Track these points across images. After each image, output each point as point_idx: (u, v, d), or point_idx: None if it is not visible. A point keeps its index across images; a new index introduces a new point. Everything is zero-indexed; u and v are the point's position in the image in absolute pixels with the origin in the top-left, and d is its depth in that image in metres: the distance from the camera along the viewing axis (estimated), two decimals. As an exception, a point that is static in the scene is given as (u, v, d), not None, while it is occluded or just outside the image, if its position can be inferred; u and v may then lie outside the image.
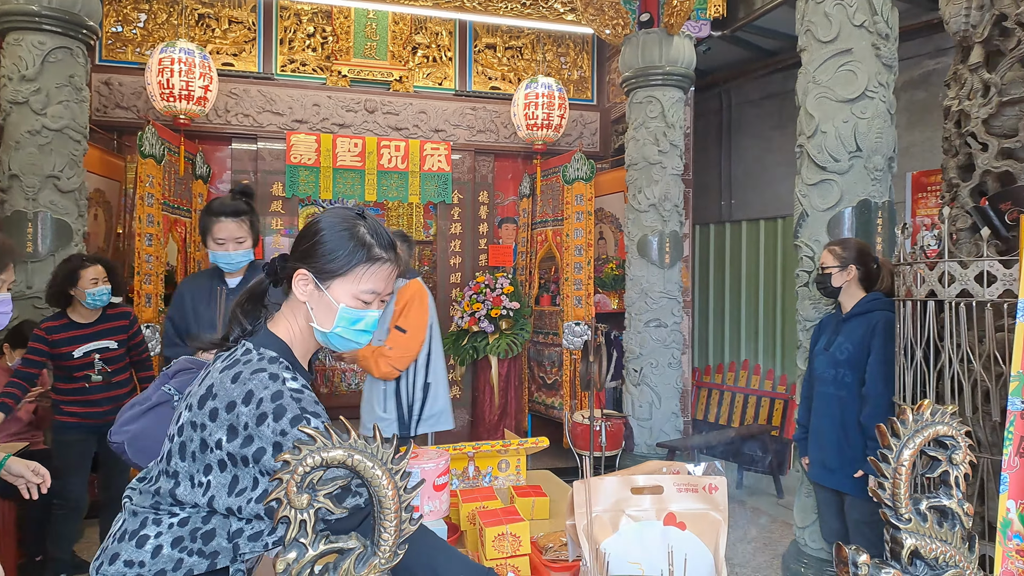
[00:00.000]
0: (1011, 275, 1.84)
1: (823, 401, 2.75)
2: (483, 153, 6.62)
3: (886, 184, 3.05)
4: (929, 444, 1.04)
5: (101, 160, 5.22)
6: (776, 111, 6.96)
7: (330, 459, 0.89)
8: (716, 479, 1.61)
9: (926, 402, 1.04)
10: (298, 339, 1.26)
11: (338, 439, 0.90)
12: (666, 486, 1.59)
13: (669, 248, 5.21)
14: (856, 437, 2.63)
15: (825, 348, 2.77)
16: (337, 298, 1.22)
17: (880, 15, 3.00)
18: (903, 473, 1.02)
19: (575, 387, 5.80)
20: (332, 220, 1.24)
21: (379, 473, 0.92)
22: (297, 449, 0.87)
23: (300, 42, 6.19)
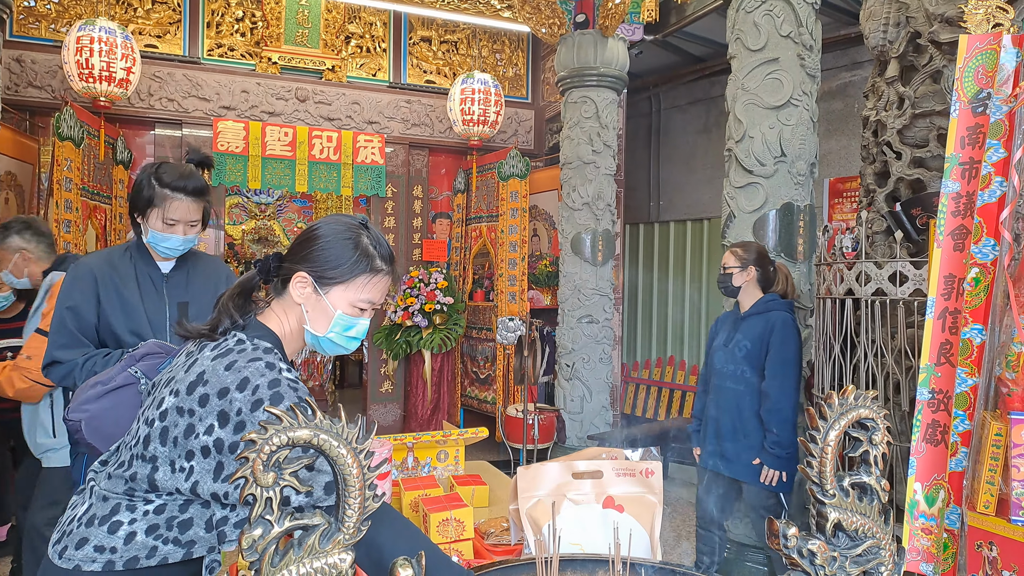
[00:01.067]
0: (921, 275, 2.00)
1: (721, 395, 2.89)
2: (418, 147, 6.59)
3: (808, 188, 3.24)
4: (852, 426, 1.14)
5: (13, 141, 4.90)
6: (703, 116, 7.23)
7: (296, 438, 0.90)
8: (652, 464, 1.69)
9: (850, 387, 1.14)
10: (288, 337, 1.28)
11: (304, 419, 0.91)
12: (605, 471, 1.66)
13: (602, 246, 5.34)
14: (753, 429, 2.78)
15: (724, 344, 2.91)
16: (335, 304, 1.25)
17: (805, 27, 3.18)
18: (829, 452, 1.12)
19: (508, 381, 5.86)
20: (336, 227, 1.26)
21: (344, 452, 0.94)
22: (263, 428, 0.88)
23: (228, 26, 5.98)
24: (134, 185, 2.03)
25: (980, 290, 1.77)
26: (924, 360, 1.87)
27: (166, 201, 1.99)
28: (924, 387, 1.88)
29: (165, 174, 1.99)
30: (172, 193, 1.98)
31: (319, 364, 8.35)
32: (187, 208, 2.01)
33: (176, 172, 2.01)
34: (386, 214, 6.52)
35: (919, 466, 1.89)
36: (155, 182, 1.99)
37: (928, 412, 1.87)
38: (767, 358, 2.71)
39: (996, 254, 1.71)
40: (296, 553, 0.90)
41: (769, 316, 2.75)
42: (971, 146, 1.75)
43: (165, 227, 2.01)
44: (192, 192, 2.01)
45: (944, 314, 1.85)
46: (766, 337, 2.72)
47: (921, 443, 1.89)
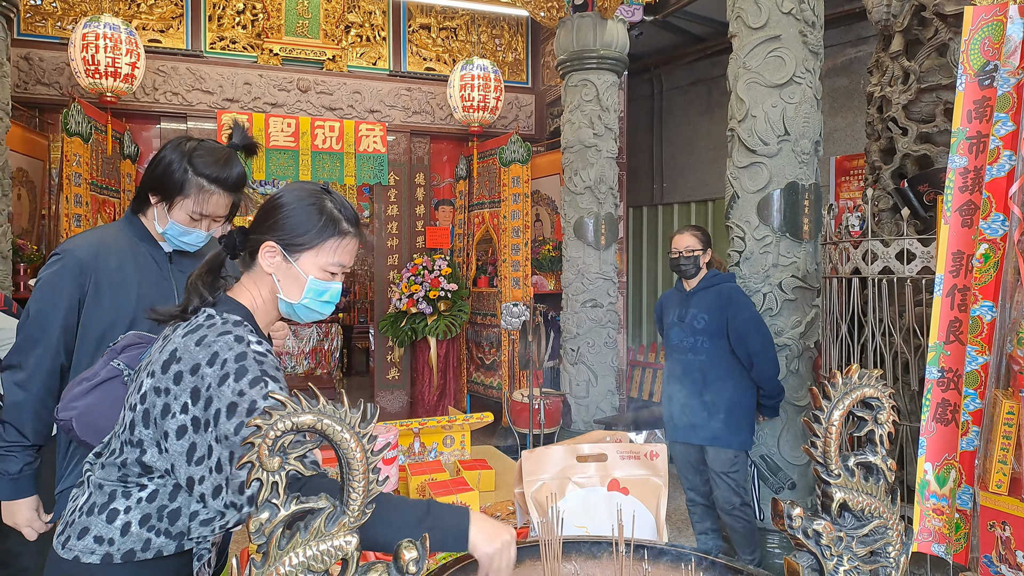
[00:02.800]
0: (929, 252, 1.98)
1: (684, 367, 3.06)
2: (419, 134, 6.56)
3: (812, 167, 3.20)
4: (857, 405, 1.13)
5: (23, 138, 4.93)
6: (704, 96, 7.17)
7: (300, 423, 0.90)
8: (656, 446, 1.68)
9: (854, 366, 1.13)
10: (260, 309, 1.27)
11: (307, 404, 0.92)
12: (610, 454, 1.65)
13: (604, 230, 5.31)
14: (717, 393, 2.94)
15: (679, 320, 3.10)
16: (306, 270, 1.25)
17: (807, 3, 3.13)
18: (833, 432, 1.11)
19: (514, 367, 5.86)
20: (299, 194, 1.25)
21: (347, 436, 0.94)
22: (268, 414, 0.88)
23: (230, 19, 5.96)
24: (158, 163, 1.66)
25: (990, 266, 1.75)
26: (933, 339, 1.85)
27: (201, 193, 1.65)
28: (933, 366, 1.87)
29: (203, 160, 1.64)
30: (209, 185, 1.65)
31: (327, 352, 8.38)
32: (223, 203, 1.69)
33: (216, 159, 1.65)
34: (389, 202, 6.51)
35: (929, 446, 1.88)
36: (190, 168, 1.63)
37: (938, 391, 1.86)
38: (731, 327, 2.90)
39: (1006, 229, 1.69)
40: (302, 536, 0.90)
41: (721, 288, 3.00)
42: (978, 120, 1.72)
43: (190, 220, 1.68)
44: (232, 186, 1.68)
45: (953, 291, 1.83)
46: (722, 306, 2.94)
47: (931, 423, 1.88)
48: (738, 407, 2.92)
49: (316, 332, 8.33)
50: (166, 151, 1.67)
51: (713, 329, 2.96)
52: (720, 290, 3.00)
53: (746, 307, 2.93)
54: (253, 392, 1.10)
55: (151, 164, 1.69)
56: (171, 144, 1.68)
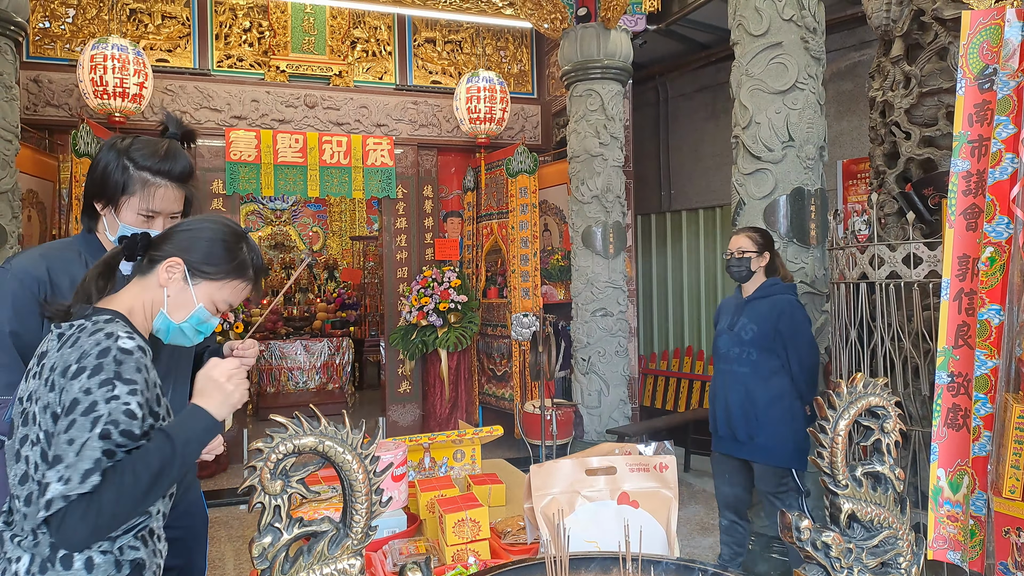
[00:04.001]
0: (936, 256, 1.97)
1: (730, 378, 2.92)
2: (426, 147, 6.60)
3: (818, 172, 3.20)
4: (863, 414, 1.13)
5: (33, 160, 5.00)
6: (710, 103, 7.17)
7: (302, 446, 0.91)
8: (666, 458, 1.67)
9: (859, 375, 1.12)
10: (138, 316, 1.27)
11: (308, 426, 0.92)
12: (619, 467, 1.65)
13: (613, 238, 5.31)
14: (763, 409, 2.80)
15: (729, 328, 2.95)
16: (199, 297, 1.30)
17: (808, 9, 3.14)
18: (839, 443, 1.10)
19: (525, 378, 5.86)
20: (224, 230, 1.32)
21: (350, 458, 0.95)
22: (269, 437, 0.89)
23: (236, 37, 6.03)
24: (96, 167, 1.58)
25: (996, 269, 1.74)
26: (941, 343, 1.84)
27: (146, 188, 1.56)
28: (943, 371, 1.85)
29: (141, 153, 1.56)
30: (153, 177, 1.56)
31: (338, 366, 8.41)
32: (172, 196, 1.60)
33: (156, 150, 1.57)
34: (397, 215, 6.54)
35: (941, 452, 1.86)
36: (129, 163, 1.55)
37: (948, 396, 1.84)
38: (784, 342, 2.73)
39: (1011, 232, 1.68)
40: (306, 560, 0.91)
41: (775, 300, 2.78)
42: (979, 123, 1.71)
43: (142, 220, 1.57)
44: (178, 176, 1.59)
45: (960, 295, 1.82)
46: (774, 320, 2.75)
47: (942, 428, 1.86)
48: (786, 423, 2.75)
49: (328, 347, 8.37)
50: (102, 153, 1.58)
51: (762, 341, 2.80)
52: (775, 301, 2.80)
53: (802, 325, 2.73)
54: (98, 393, 1.09)
55: (89, 170, 1.60)
56: (106, 145, 1.60)
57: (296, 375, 8.16)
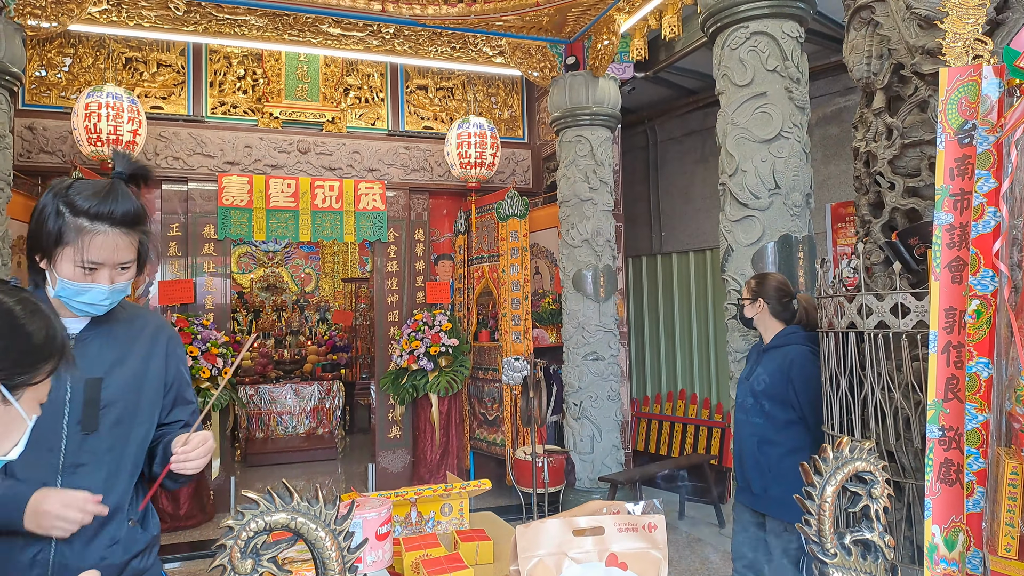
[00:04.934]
0: (923, 307, 1.97)
1: (745, 429, 2.85)
2: (418, 191, 6.64)
3: (805, 219, 3.22)
4: (850, 480, 1.10)
5: (25, 206, 5.01)
6: (699, 146, 7.27)
7: (273, 523, 0.88)
8: (655, 517, 1.63)
9: (845, 439, 1.10)
10: None
11: (280, 502, 0.89)
12: (607, 527, 1.60)
13: (603, 282, 5.32)
14: (774, 462, 2.72)
15: (746, 378, 2.88)
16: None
17: (791, 60, 3.20)
18: (827, 509, 1.08)
19: (517, 423, 5.79)
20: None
21: (323, 535, 0.92)
22: (240, 514, 0.86)
23: (231, 84, 6.11)
24: (33, 214, 1.39)
25: (983, 322, 1.73)
26: (931, 396, 1.82)
27: (82, 236, 1.35)
28: (933, 424, 1.83)
29: (78, 196, 1.36)
30: (91, 223, 1.35)
31: (328, 410, 8.31)
32: (114, 244, 1.38)
33: (95, 191, 1.37)
34: (389, 258, 6.54)
35: (935, 508, 1.82)
36: (64, 208, 1.35)
37: (940, 451, 1.82)
38: (796, 394, 2.67)
39: (996, 285, 1.68)
40: (276, 644, 0.87)
41: (788, 350, 2.71)
42: (960, 177, 1.72)
43: (82, 274, 1.37)
44: (121, 220, 1.37)
45: (948, 348, 1.81)
46: (785, 371, 2.69)
47: (935, 483, 1.83)
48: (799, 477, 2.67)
49: (318, 390, 8.28)
50: (42, 198, 1.39)
51: (774, 392, 2.70)
52: (787, 352, 2.70)
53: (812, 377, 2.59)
54: None
55: (31, 219, 1.40)
56: (47, 191, 1.41)
57: (285, 419, 8.05)
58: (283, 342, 9.91)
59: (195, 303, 5.83)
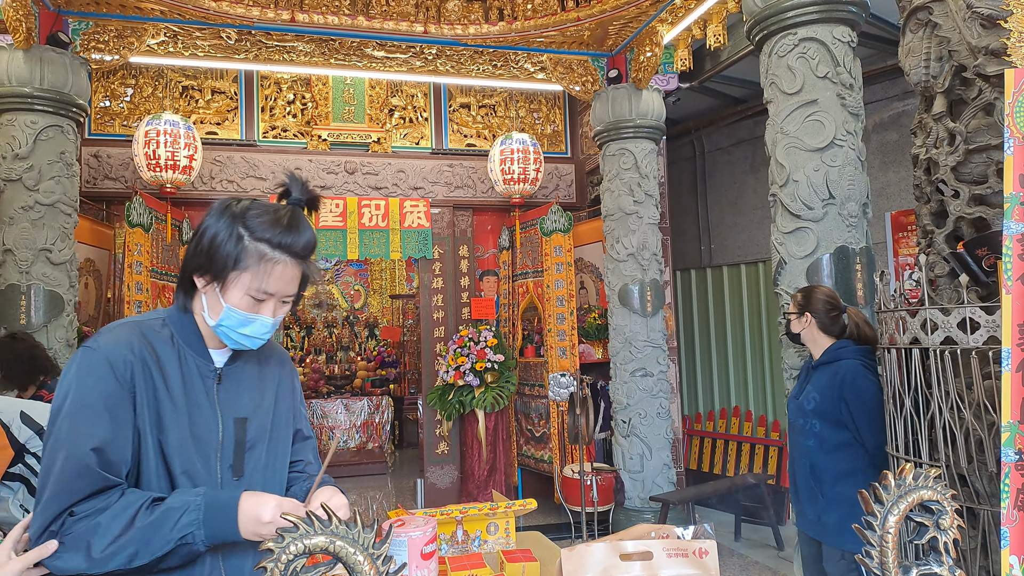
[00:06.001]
0: (994, 321, 1.85)
1: (797, 451, 2.73)
2: (462, 208, 6.68)
3: (862, 230, 3.10)
4: (915, 509, 1.02)
5: (91, 230, 5.24)
6: (748, 156, 7.12)
7: (312, 546, 0.87)
8: (706, 543, 1.57)
9: (908, 466, 1.03)
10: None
11: (319, 525, 0.88)
12: (655, 551, 1.54)
13: (651, 296, 5.23)
14: (828, 486, 2.59)
15: (796, 396, 2.76)
16: None
17: (843, 66, 3.09)
18: (889, 541, 1.00)
19: (564, 439, 5.72)
20: None
21: (361, 559, 0.90)
22: (280, 536, 0.85)
23: (281, 109, 6.29)
24: (203, 234, 1.29)
25: (1060, 336, 1.62)
26: (1005, 418, 1.70)
27: (263, 263, 1.26)
28: (1009, 447, 1.71)
29: (260, 221, 1.26)
30: (271, 251, 1.26)
31: (378, 425, 8.38)
32: (290, 275, 1.30)
33: (277, 218, 1.27)
34: (434, 275, 6.59)
35: (1012, 536, 1.70)
36: (244, 232, 1.26)
37: (1016, 476, 1.70)
38: (850, 412, 2.53)
39: (1074, 297, 1.57)
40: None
41: (839, 365, 2.58)
42: (1032, 183, 1.62)
43: (251, 303, 1.28)
44: (300, 251, 1.29)
45: (1023, 366, 1.69)
46: (836, 388, 2.56)
47: (1012, 511, 1.71)
48: (857, 503, 2.53)
49: (368, 405, 8.36)
50: (211, 218, 1.30)
51: (825, 411, 2.56)
52: (838, 368, 2.56)
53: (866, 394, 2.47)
54: None
55: (194, 238, 1.32)
56: (216, 208, 1.31)
57: (336, 434, 8.15)
58: (334, 358, 10.06)
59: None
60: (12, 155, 4.11)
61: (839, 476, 2.57)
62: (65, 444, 1.19)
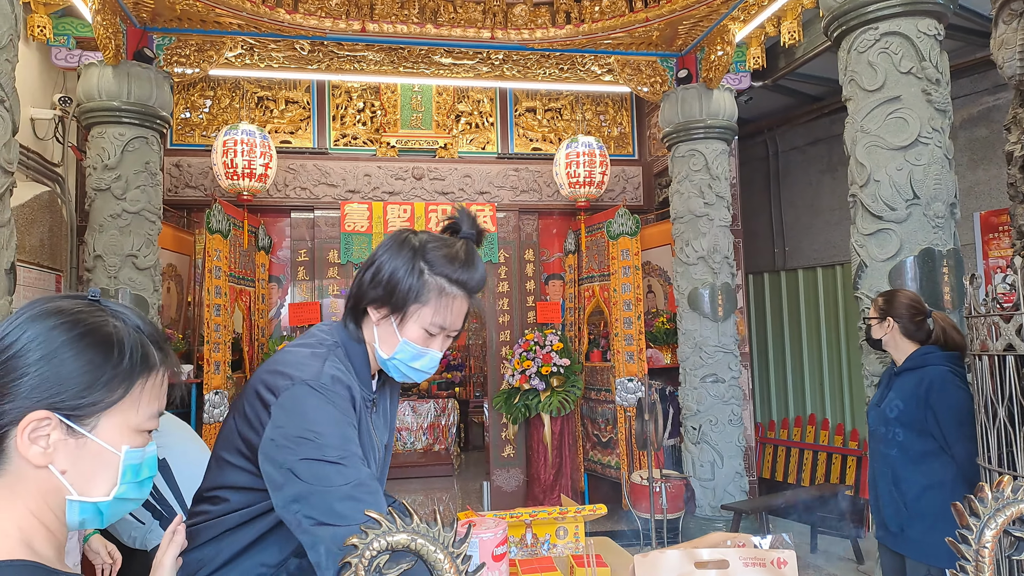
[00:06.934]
0: (1096, 325, 1.74)
1: (879, 461, 2.62)
2: (527, 212, 6.71)
3: (949, 231, 2.95)
4: (1013, 523, 0.97)
5: (173, 237, 5.52)
6: (825, 155, 6.88)
7: (394, 543, 0.89)
8: (784, 552, 1.52)
9: (1006, 478, 0.97)
10: (39, 541, 0.81)
11: (401, 523, 0.90)
12: (731, 560, 1.51)
13: (722, 300, 5.11)
14: (912, 498, 2.47)
15: (877, 404, 2.65)
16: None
17: (928, 60, 2.96)
18: (986, 556, 0.95)
19: (631, 445, 5.65)
20: (68, 326, 0.82)
21: (441, 557, 0.91)
22: (364, 533, 0.88)
23: (351, 117, 6.47)
24: (379, 268, 1.31)
25: None
26: (1114, 428, 1.59)
27: (442, 298, 1.29)
28: (1118, 461, 1.60)
29: (439, 255, 1.29)
30: (450, 287, 1.29)
31: (444, 427, 8.49)
32: (462, 310, 1.33)
33: (454, 254, 1.30)
34: (499, 279, 6.63)
35: (1122, 556, 1.58)
36: (425, 267, 1.28)
37: None
38: (937, 421, 2.42)
39: None
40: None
41: (924, 372, 2.46)
42: None
43: (425, 337, 1.31)
44: (474, 288, 1.32)
45: None
46: (922, 395, 2.45)
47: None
48: (944, 516, 2.36)
49: (434, 408, 8.49)
50: (387, 251, 1.31)
51: (909, 420, 2.46)
52: (924, 374, 2.45)
53: (954, 402, 2.37)
54: None
55: (368, 269, 1.33)
56: (392, 241, 1.33)
57: (404, 436, 8.30)
58: (401, 360, 10.24)
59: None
60: (102, 166, 4.35)
61: (924, 488, 2.46)
62: None
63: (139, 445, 0.85)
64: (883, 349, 2.66)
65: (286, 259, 6.30)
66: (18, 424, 0.77)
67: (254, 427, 1.24)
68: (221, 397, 4.84)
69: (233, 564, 1.31)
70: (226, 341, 5.12)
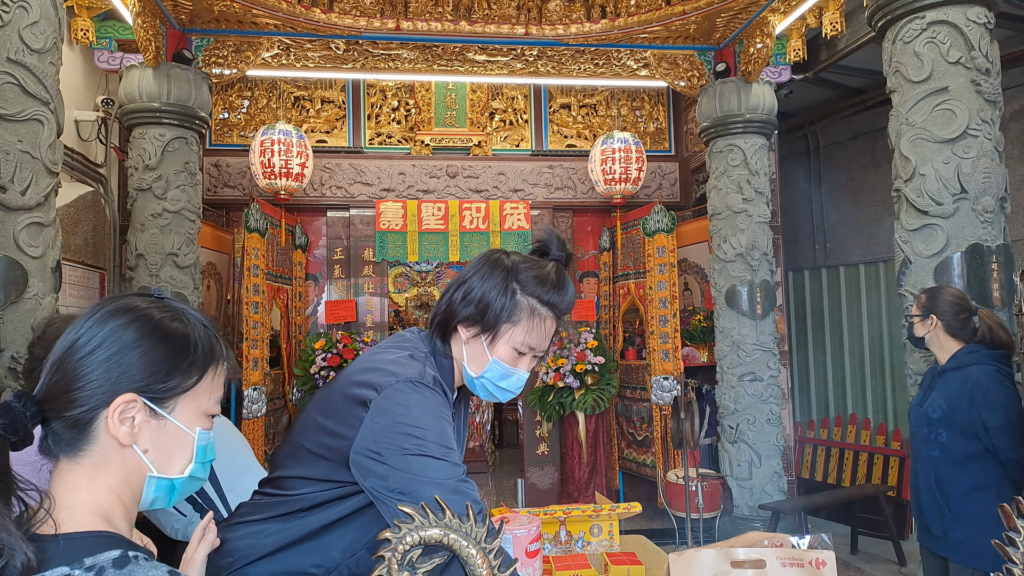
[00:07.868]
0: None
1: (921, 462, 2.56)
2: (561, 209, 6.68)
3: (999, 226, 2.85)
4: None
5: (212, 236, 5.64)
6: (868, 149, 6.71)
7: (427, 538, 0.90)
8: (824, 553, 1.49)
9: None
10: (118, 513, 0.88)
11: (434, 518, 0.91)
12: (769, 560, 1.48)
13: (760, 298, 5.02)
14: (956, 500, 2.42)
15: (919, 404, 2.60)
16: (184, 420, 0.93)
17: (978, 50, 2.86)
18: (1036, 561, 0.91)
19: (667, 444, 5.60)
20: (146, 321, 0.91)
21: (474, 552, 0.92)
22: (397, 527, 0.88)
23: (386, 116, 6.53)
24: (471, 287, 1.33)
25: None
26: None
27: (533, 318, 1.31)
28: None
29: (531, 276, 1.31)
30: (542, 308, 1.31)
31: (479, 425, 8.51)
32: (550, 330, 1.35)
33: (546, 276, 1.32)
34: (535, 277, 6.62)
35: None
36: (517, 287, 1.31)
37: None
38: (982, 422, 2.35)
39: None
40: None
41: (969, 371, 2.40)
42: None
43: (513, 356, 1.33)
44: (564, 310, 1.35)
45: None
46: (966, 395, 2.39)
47: None
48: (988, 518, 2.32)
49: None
50: (479, 271, 1.34)
51: (953, 420, 2.42)
52: (969, 373, 2.40)
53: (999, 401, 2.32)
54: None
55: (459, 287, 1.35)
56: (485, 262, 1.35)
57: (482, 434, 8.35)
58: (436, 358, 10.30)
59: (356, 321, 6.24)
60: (143, 166, 4.45)
61: (968, 490, 2.40)
62: None
63: (207, 428, 0.94)
64: (926, 348, 2.59)
65: (322, 257, 6.39)
66: (108, 407, 0.85)
67: (346, 421, 1.25)
68: (259, 393, 4.93)
69: (296, 548, 1.31)
70: (264, 338, 5.21)
